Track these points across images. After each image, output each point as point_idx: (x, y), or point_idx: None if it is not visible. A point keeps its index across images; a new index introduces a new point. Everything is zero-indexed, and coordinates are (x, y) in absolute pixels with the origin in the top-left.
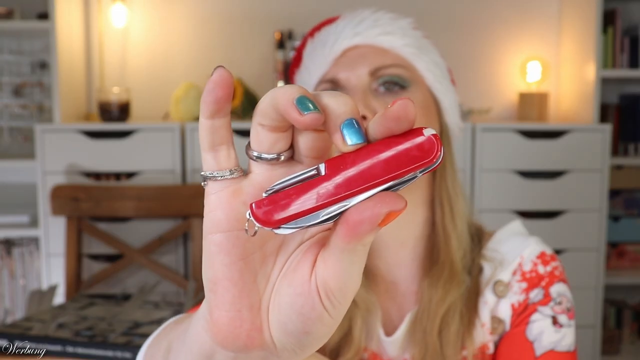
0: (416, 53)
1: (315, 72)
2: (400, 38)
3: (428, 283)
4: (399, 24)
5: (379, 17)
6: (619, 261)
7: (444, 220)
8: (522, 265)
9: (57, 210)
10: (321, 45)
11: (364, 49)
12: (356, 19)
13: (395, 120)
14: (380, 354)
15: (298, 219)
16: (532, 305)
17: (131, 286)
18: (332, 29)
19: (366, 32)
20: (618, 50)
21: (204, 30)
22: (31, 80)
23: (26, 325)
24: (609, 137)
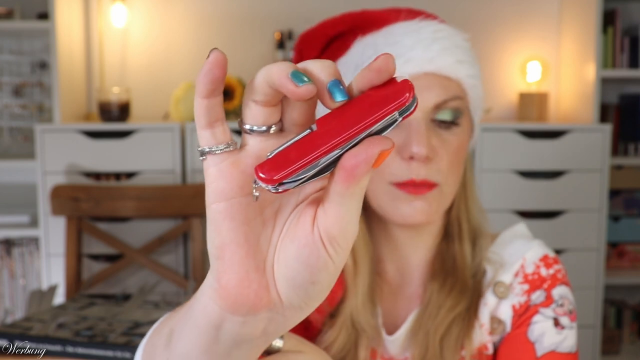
0: (475, 83)
1: None
2: (467, 68)
3: (437, 288)
4: (462, 45)
5: (444, 35)
6: (619, 261)
7: (461, 233)
8: (525, 267)
9: (57, 210)
10: None
11: (432, 79)
12: (423, 34)
13: (377, 72)
14: (380, 352)
15: (299, 171)
16: (533, 307)
17: (131, 286)
18: (395, 40)
19: (439, 60)
20: (618, 50)
21: (204, 30)
22: (31, 80)
23: (26, 325)
24: (609, 137)
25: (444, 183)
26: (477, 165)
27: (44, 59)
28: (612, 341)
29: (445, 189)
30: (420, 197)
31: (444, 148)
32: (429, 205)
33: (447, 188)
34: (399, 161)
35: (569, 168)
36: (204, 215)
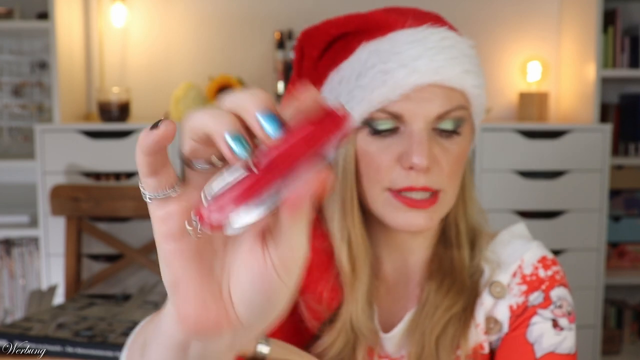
0: (479, 93)
1: (373, 97)
2: (473, 78)
3: (435, 288)
4: (468, 54)
5: (451, 43)
6: (619, 261)
7: (459, 236)
8: (523, 268)
9: (57, 210)
10: (384, 69)
11: (438, 90)
12: (429, 43)
13: (305, 104)
14: (377, 351)
15: (242, 212)
16: (531, 308)
17: (131, 286)
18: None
19: (445, 71)
20: (618, 50)
21: (204, 30)
22: (31, 80)
23: (26, 326)
24: (609, 137)
25: (446, 190)
26: (477, 165)
27: (43, 59)
28: (612, 341)
29: (447, 197)
30: (423, 210)
31: (445, 157)
32: (430, 217)
33: (448, 195)
34: (398, 170)
35: (569, 168)
36: None
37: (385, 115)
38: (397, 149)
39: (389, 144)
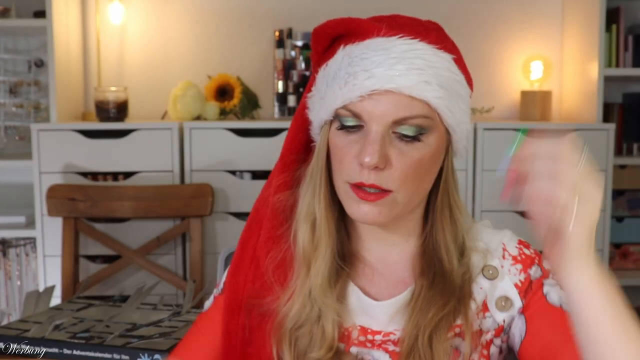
0: (444, 103)
1: (339, 95)
2: (434, 89)
3: (427, 285)
4: (436, 66)
5: (417, 54)
6: (622, 262)
7: (445, 238)
8: (508, 251)
9: (53, 211)
10: (351, 71)
11: (394, 96)
12: (393, 53)
13: None
14: (368, 327)
15: None
16: (536, 281)
17: (129, 287)
18: (367, 55)
19: (401, 79)
20: (622, 48)
21: (203, 28)
22: (27, 79)
23: (22, 327)
24: (613, 136)
25: (397, 191)
26: (477, 165)
27: (40, 58)
28: None
29: (399, 197)
30: (370, 202)
31: (401, 160)
32: (379, 211)
33: (400, 196)
34: (355, 165)
35: None
36: (202, 215)
37: (348, 113)
38: (357, 147)
39: (352, 140)
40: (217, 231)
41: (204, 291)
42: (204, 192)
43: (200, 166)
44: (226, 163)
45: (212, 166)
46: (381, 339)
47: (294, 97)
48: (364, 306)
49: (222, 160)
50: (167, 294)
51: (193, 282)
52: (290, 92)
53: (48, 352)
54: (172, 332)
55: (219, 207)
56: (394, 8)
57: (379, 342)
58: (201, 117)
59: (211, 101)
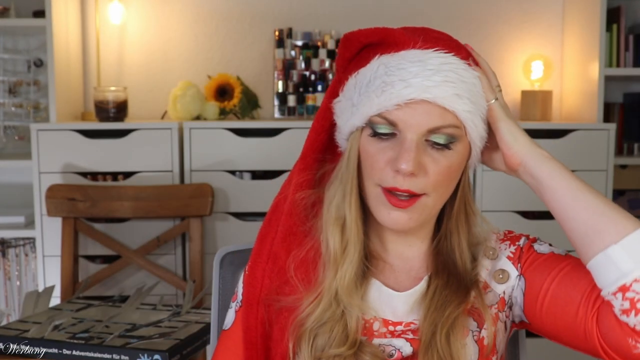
0: (471, 118)
1: (374, 103)
2: (465, 103)
3: (442, 284)
4: (467, 81)
5: (451, 68)
6: None
7: (460, 240)
8: (499, 236)
9: (53, 211)
10: (388, 81)
11: (429, 106)
12: (430, 65)
13: None
14: (389, 318)
15: None
16: (525, 246)
17: (128, 288)
18: (404, 65)
19: (437, 90)
20: (622, 48)
21: (203, 28)
22: (27, 79)
23: (22, 328)
24: (613, 136)
25: (428, 195)
26: (479, 165)
27: (39, 57)
28: None
29: (429, 201)
30: (402, 209)
31: (433, 166)
32: (409, 217)
33: (431, 200)
34: (388, 170)
35: (573, 168)
36: (202, 215)
37: (383, 120)
38: (391, 153)
39: (385, 147)
40: (217, 231)
41: (203, 291)
42: (203, 192)
43: (200, 166)
44: (226, 163)
45: (212, 166)
46: (402, 329)
47: (293, 97)
48: (384, 298)
49: (222, 160)
50: (167, 294)
51: (193, 283)
52: (290, 92)
53: (47, 353)
54: (171, 333)
55: (218, 207)
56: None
57: (400, 332)
58: (201, 117)
59: (211, 101)
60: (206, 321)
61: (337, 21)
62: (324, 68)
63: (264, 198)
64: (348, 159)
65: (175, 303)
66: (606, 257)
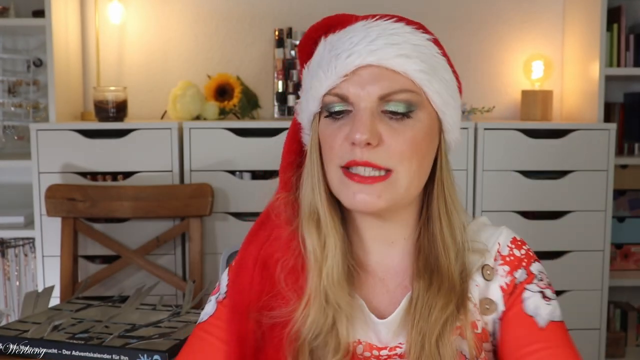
0: (427, 78)
1: (324, 82)
2: (415, 62)
3: (425, 287)
4: (415, 42)
5: (395, 32)
6: (623, 263)
7: (442, 233)
8: (501, 251)
9: (52, 211)
10: (334, 55)
11: (377, 70)
12: (372, 33)
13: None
14: (374, 343)
15: None
16: (519, 285)
17: (128, 288)
18: (346, 38)
19: (381, 52)
20: (623, 48)
21: (203, 28)
22: (26, 79)
23: (21, 328)
24: (614, 136)
25: (397, 170)
26: (479, 165)
27: (39, 57)
28: (617, 344)
29: (400, 178)
30: (366, 187)
31: (394, 137)
32: (378, 194)
33: (401, 176)
34: (346, 146)
35: (573, 168)
36: (202, 215)
37: (335, 98)
38: (346, 129)
39: (340, 125)
40: (217, 231)
41: (203, 291)
42: (203, 192)
43: (200, 166)
44: (226, 163)
45: (212, 166)
46: (387, 354)
47: (293, 97)
48: (369, 323)
49: (221, 160)
50: (167, 295)
51: (193, 283)
52: (290, 92)
53: (47, 353)
54: (171, 333)
55: (218, 207)
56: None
57: (385, 356)
58: (201, 117)
59: (211, 101)
60: None
61: None
62: None
63: (264, 198)
64: (310, 148)
65: (175, 303)
66: None
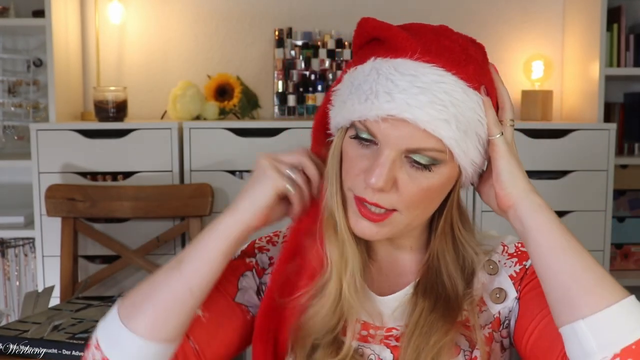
0: (457, 142)
1: (357, 108)
2: (451, 130)
3: (429, 308)
4: (458, 98)
5: (442, 88)
6: (623, 263)
7: (447, 263)
8: (507, 249)
9: (52, 211)
10: (375, 91)
11: (411, 127)
12: (419, 82)
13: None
14: (371, 322)
15: None
16: (531, 268)
17: (128, 288)
18: (393, 76)
19: (420, 112)
20: (623, 48)
21: (203, 27)
22: (26, 79)
23: (21, 328)
24: (614, 136)
25: (401, 212)
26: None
27: (39, 57)
28: None
29: (401, 218)
30: (369, 221)
31: (409, 185)
32: (377, 230)
33: (403, 217)
34: (360, 180)
35: (573, 168)
36: (202, 215)
37: (364, 127)
38: (366, 163)
39: (363, 154)
40: None
41: None
42: (203, 192)
43: (200, 166)
44: (226, 163)
45: (212, 166)
46: (383, 334)
47: (293, 97)
48: (366, 301)
49: (221, 160)
50: None
51: None
52: (290, 92)
53: (47, 353)
54: None
55: (218, 207)
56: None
57: (381, 337)
58: (201, 117)
59: (211, 101)
60: None
61: (337, 21)
62: (324, 68)
63: None
64: (332, 156)
65: None
66: (572, 331)
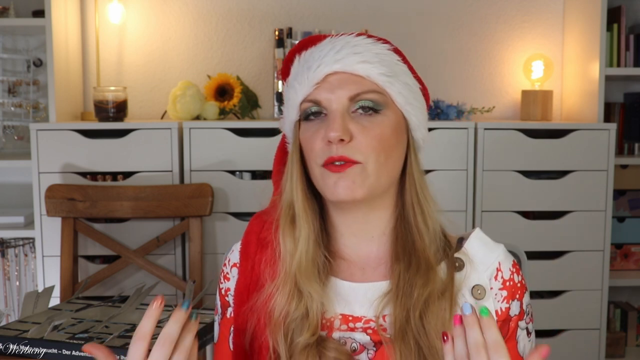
0: (389, 80)
1: (300, 91)
2: (376, 67)
3: (404, 268)
4: (376, 51)
5: (358, 43)
6: (623, 262)
7: (416, 220)
8: (502, 272)
9: (52, 211)
10: (306, 67)
11: (344, 76)
12: (337, 45)
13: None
14: (349, 314)
15: None
16: (513, 320)
17: (128, 288)
18: (316, 53)
19: (346, 60)
20: (623, 48)
21: (203, 27)
22: (26, 79)
23: (21, 328)
24: (614, 136)
25: (366, 161)
26: (479, 165)
27: (39, 57)
28: (617, 344)
29: (368, 167)
30: (342, 174)
31: (363, 132)
32: (352, 181)
33: (370, 166)
34: (323, 145)
35: (573, 168)
36: (202, 215)
37: (310, 103)
38: (322, 131)
39: (317, 128)
40: (217, 231)
41: (203, 291)
42: (203, 192)
43: (200, 166)
44: (226, 163)
45: (212, 166)
46: (362, 326)
47: None
48: (343, 292)
49: (221, 160)
50: (167, 295)
51: (193, 283)
52: None
53: (47, 353)
54: None
55: (218, 207)
56: (395, 8)
57: (361, 328)
58: (201, 117)
59: (211, 101)
60: (206, 321)
61: (337, 21)
62: None
63: (264, 198)
64: (292, 152)
65: (175, 303)
66: None
